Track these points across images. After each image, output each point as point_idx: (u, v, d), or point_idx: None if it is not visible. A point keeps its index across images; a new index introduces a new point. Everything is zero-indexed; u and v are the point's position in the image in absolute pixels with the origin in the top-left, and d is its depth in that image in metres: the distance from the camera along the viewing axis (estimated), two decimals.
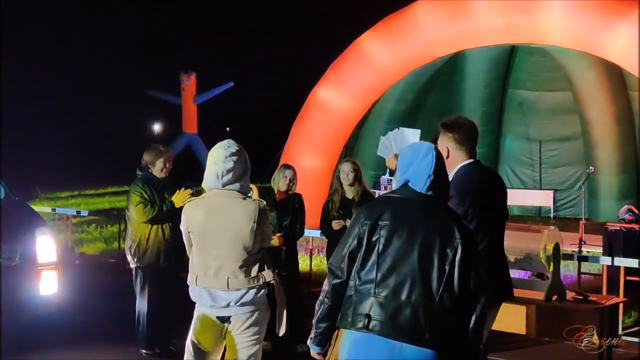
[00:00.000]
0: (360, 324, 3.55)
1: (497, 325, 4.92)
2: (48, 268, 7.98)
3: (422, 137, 6.04)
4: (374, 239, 3.62)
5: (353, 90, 14.74)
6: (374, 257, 3.61)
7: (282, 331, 4.88)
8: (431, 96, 18.01)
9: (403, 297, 3.53)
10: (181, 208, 4.98)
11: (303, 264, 10.23)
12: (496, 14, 13.61)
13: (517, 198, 18.72)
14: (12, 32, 42.53)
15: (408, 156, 3.81)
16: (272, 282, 4.72)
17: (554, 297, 6.18)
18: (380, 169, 16.02)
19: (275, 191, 7.73)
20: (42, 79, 44.79)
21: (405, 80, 15.43)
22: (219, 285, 4.55)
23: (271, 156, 17.92)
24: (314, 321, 3.76)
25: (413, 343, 3.48)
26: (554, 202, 18.73)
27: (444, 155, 4.34)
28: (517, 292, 6.47)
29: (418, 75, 16.02)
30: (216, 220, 4.58)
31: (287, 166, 7.93)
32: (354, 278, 3.65)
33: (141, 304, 7.14)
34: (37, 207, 11.14)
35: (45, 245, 8.04)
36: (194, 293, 4.68)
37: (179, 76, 28.22)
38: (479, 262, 3.67)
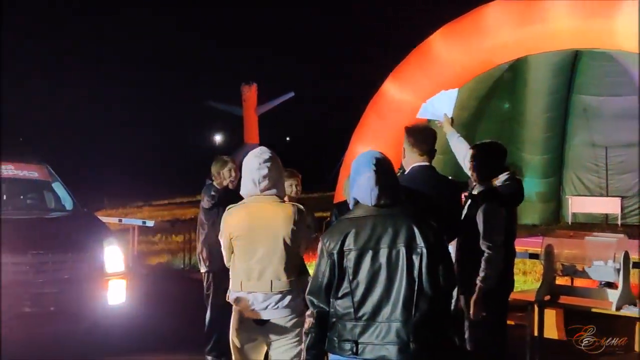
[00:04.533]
0: (348, 351, 3.58)
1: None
2: (116, 278, 8.13)
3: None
4: (344, 265, 3.62)
5: (420, 91, 14.58)
6: (346, 284, 3.61)
7: None
8: (493, 103, 17.83)
9: (382, 317, 3.56)
10: None
11: None
12: (568, 16, 13.34)
13: (583, 205, 18.36)
14: (84, 46, 43.48)
15: (352, 172, 3.81)
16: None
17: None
18: (446, 174, 15.86)
19: (348, 201, 7.73)
20: (108, 92, 45.65)
21: (468, 87, 15.27)
22: (263, 288, 4.69)
23: (332, 164, 17.92)
24: (303, 348, 3.78)
25: (402, 358, 3.50)
26: (622, 210, 18.35)
27: (402, 155, 5.24)
28: (585, 302, 6.41)
29: (481, 82, 15.85)
30: (257, 224, 4.73)
31: None
32: (333, 306, 3.66)
33: (211, 310, 7.23)
34: (104, 218, 11.35)
35: (113, 256, 8.20)
36: (234, 297, 4.81)
37: (240, 87, 28.42)
38: (444, 256, 3.67)
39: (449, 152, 6.28)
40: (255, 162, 4.81)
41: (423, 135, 5.31)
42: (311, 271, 3.88)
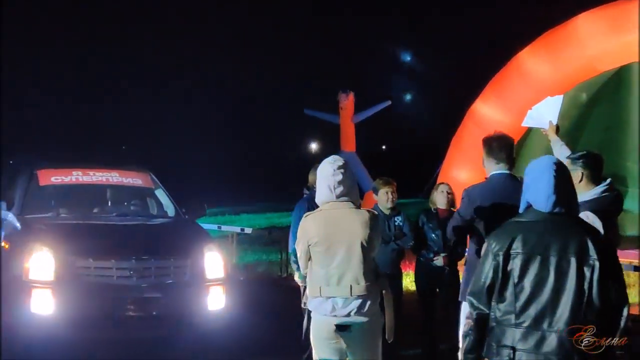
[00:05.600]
0: (505, 357, 3.52)
1: None
2: (216, 284, 8.25)
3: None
4: (508, 268, 3.57)
5: (512, 106, 14.40)
6: (510, 288, 3.56)
7: (391, 337, 5.02)
8: (596, 111, 17.36)
9: (545, 325, 3.48)
10: None
11: None
12: None
13: None
14: (179, 52, 44.46)
15: (528, 176, 3.74)
16: (383, 290, 4.94)
17: None
18: None
19: (433, 209, 7.70)
20: (205, 100, 46.52)
21: (568, 96, 14.95)
22: (342, 293, 4.75)
23: (429, 174, 17.82)
24: (461, 352, 3.77)
25: None
26: None
27: (483, 164, 5.39)
28: None
29: (581, 90, 15.50)
30: (335, 230, 4.82)
31: (442, 183, 7.93)
32: (493, 310, 3.61)
33: (309, 318, 7.24)
34: (204, 225, 11.57)
35: (214, 262, 8.32)
36: (314, 303, 4.89)
37: (337, 96, 28.54)
38: (618, 272, 3.57)
39: None
40: (329, 169, 4.91)
41: (498, 144, 5.40)
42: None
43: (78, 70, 43.63)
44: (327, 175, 4.91)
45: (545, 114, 6.16)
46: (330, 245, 4.81)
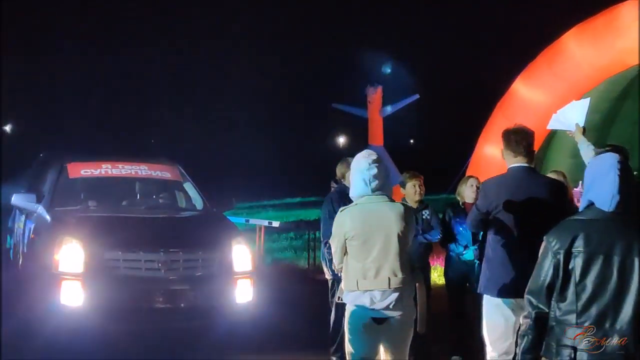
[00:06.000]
0: (566, 357, 3.49)
1: None
2: (243, 276, 8.27)
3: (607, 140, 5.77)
4: (569, 267, 3.53)
5: (550, 91, 14.26)
6: (572, 287, 3.52)
7: (423, 329, 5.11)
8: (626, 105, 17.18)
9: (607, 325, 3.45)
10: None
11: None
12: None
13: None
14: (213, 48, 44.64)
15: (589, 174, 3.68)
16: (417, 283, 5.01)
17: None
18: (572, 182, 15.40)
19: (461, 203, 7.66)
20: (233, 94, 46.66)
21: (599, 89, 14.78)
22: (380, 286, 4.79)
23: (457, 168, 17.71)
24: (518, 351, 3.72)
25: None
26: None
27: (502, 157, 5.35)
28: None
29: (613, 84, 15.31)
30: (372, 223, 4.85)
31: (471, 176, 7.87)
32: (553, 309, 3.58)
33: (336, 311, 7.24)
34: (232, 218, 11.59)
35: (241, 255, 8.35)
36: (350, 297, 4.92)
37: (365, 90, 28.47)
38: None
39: (579, 156, 6.12)
40: (364, 163, 4.95)
41: (516, 137, 5.37)
42: None
43: (109, 64, 43.96)
44: (362, 169, 4.94)
45: (571, 117, 6.12)
46: (367, 239, 4.84)
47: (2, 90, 32.74)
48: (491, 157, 14.72)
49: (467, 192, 7.62)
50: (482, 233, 7.29)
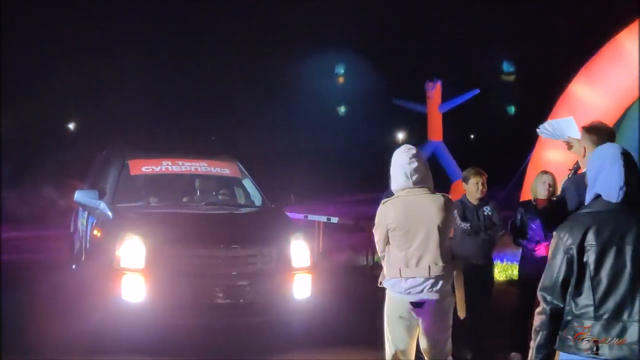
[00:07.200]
0: (587, 350, 3.49)
1: None
2: (302, 272, 8.30)
3: None
4: (583, 261, 3.54)
5: (609, 89, 14.03)
6: (587, 281, 3.53)
7: (462, 315, 5.30)
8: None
9: (626, 316, 3.47)
10: None
11: None
12: None
13: None
14: (264, 45, 44.88)
15: (594, 166, 3.68)
16: (455, 271, 5.23)
17: None
18: None
19: (533, 199, 7.57)
20: (288, 91, 46.82)
21: None
22: (421, 274, 5.05)
23: (519, 163, 17.48)
24: (532, 346, 3.70)
25: None
26: None
27: (581, 154, 5.16)
28: None
29: None
30: (414, 214, 5.10)
31: (545, 172, 7.75)
32: (569, 303, 3.58)
33: None
34: (291, 214, 11.62)
35: (300, 251, 8.38)
36: (390, 282, 5.17)
37: (424, 85, 28.32)
38: None
39: None
40: (405, 157, 5.21)
41: (606, 134, 5.21)
42: None
43: (168, 62, 44.49)
44: (402, 164, 5.19)
45: (565, 129, 5.99)
46: (409, 230, 5.08)
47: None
48: (550, 158, 14.53)
49: (539, 189, 7.52)
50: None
